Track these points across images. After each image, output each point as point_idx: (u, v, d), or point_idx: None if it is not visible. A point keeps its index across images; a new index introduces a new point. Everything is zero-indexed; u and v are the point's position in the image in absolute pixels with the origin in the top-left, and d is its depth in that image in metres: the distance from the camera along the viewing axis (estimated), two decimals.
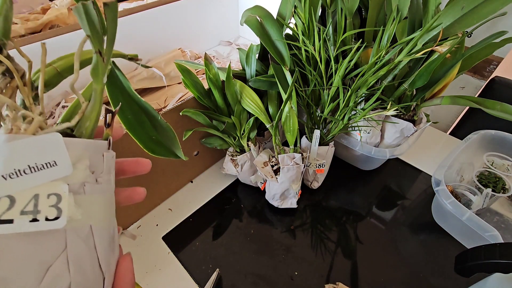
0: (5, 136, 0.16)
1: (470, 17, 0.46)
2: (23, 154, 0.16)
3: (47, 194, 0.17)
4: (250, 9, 0.54)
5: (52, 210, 0.17)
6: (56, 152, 0.18)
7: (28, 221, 0.16)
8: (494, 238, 0.47)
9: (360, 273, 0.52)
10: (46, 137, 0.17)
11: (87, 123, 0.21)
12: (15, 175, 0.16)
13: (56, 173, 0.17)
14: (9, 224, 0.16)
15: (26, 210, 0.16)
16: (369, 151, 0.59)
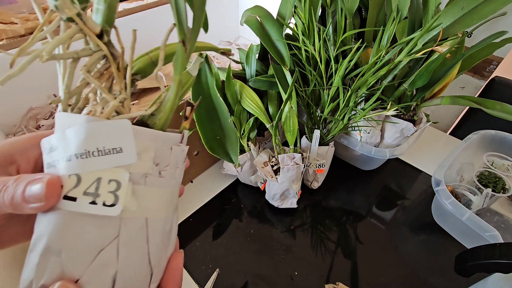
0: (85, 117, 0.17)
1: (470, 17, 0.46)
2: (95, 136, 0.17)
3: (108, 180, 0.17)
4: (250, 9, 0.54)
5: (110, 196, 0.17)
6: (124, 139, 0.18)
7: (88, 203, 0.17)
8: (494, 238, 0.47)
9: (360, 273, 0.52)
10: (117, 123, 0.18)
11: (160, 113, 0.21)
12: (85, 155, 0.17)
13: (120, 160, 0.18)
14: (73, 202, 0.17)
15: (88, 191, 0.17)
16: (369, 151, 0.59)
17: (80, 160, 0.17)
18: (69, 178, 0.17)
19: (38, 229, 0.17)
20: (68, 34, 0.18)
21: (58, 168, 0.17)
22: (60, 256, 0.17)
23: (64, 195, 0.17)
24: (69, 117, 0.18)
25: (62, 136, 0.17)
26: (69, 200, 0.17)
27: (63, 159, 0.17)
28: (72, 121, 0.18)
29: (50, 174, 0.17)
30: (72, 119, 0.18)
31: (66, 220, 0.17)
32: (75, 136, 0.17)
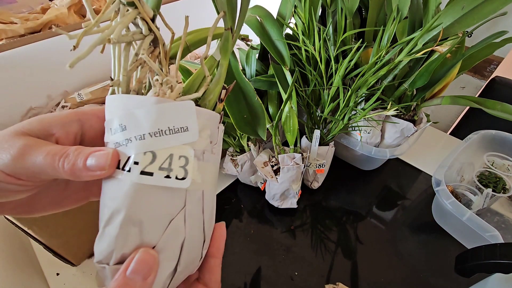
0: (154, 98, 0.19)
1: (471, 17, 0.46)
2: (166, 116, 0.19)
3: (178, 156, 0.19)
4: (250, 8, 0.54)
5: (181, 171, 0.19)
6: (189, 119, 0.19)
7: (163, 177, 0.19)
8: (495, 238, 0.46)
9: (360, 273, 0.52)
10: (183, 104, 0.19)
11: (210, 95, 0.22)
12: (158, 134, 0.18)
13: (186, 138, 0.19)
14: (150, 176, 0.18)
15: (163, 166, 0.19)
16: (369, 151, 0.59)
17: (154, 138, 0.18)
18: (144, 155, 0.18)
19: (112, 204, 0.19)
20: (129, 17, 0.19)
21: (131, 146, 0.19)
22: (139, 226, 0.18)
23: (141, 170, 0.18)
24: (135, 99, 0.19)
25: (131, 117, 0.19)
26: (146, 175, 0.18)
27: (136, 137, 0.18)
28: (140, 102, 0.19)
29: (111, 148, 0.19)
30: (140, 100, 0.19)
31: (143, 193, 0.18)
32: (147, 116, 0.18)
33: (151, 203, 0.19)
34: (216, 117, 0.22)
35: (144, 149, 0.18)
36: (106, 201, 0.19)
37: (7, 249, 0.49)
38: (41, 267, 0.51)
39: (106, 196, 0.19)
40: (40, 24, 0.80)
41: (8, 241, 0.50)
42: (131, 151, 0.18)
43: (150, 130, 0.18)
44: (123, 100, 0.19)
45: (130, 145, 0.18)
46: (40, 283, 0.49)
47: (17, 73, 0.59)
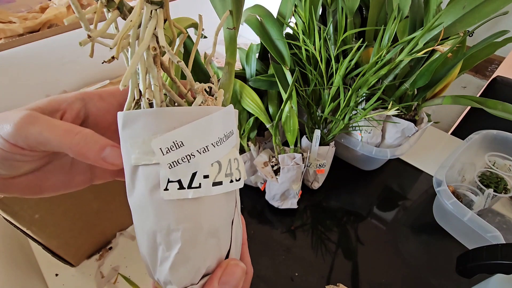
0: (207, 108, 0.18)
1: (472, 16, 0.46)
2: (221, 124, 0.19)
3: (234, 159, 0.20)
4: (250, 8, 0.54)
5: (237, 172, 0.20)
6: (232, 123, 0.20)
7: (229, 182, 0.19)
8: (496, 239, 0.46)
9: (361, 274, 0.52)
10: (229, 109, 0.20)
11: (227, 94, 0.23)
12: (219, 142, 0.18)
13: (233, 141, 0.20)
14: (220, 186, 0.19)
15: (227, 172, 0.19)
16: (370, 151, 0.58)
17: (217, 148, 0.18)
18: (212, 167, 0.18)
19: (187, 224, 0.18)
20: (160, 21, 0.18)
21: (195, 161, 0.18)
22: (217, 237, 0.19)
23: (212, 182, 0.18)
24: (185, 112, 0.18)
25: (187, 131, 0.18)
26: (218, 185, 0.19)
27: (200, 151, 0.18)
28: (192, 114, 0.18)
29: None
30: (191, 112, 0.18)
31: (215, 203, 0.19)
32: (207, 127, 0.18)
33: (221, 210, 0.19)
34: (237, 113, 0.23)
35: (211, 161, 0.18)
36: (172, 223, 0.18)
37: (6, 249, 0.49)
38: (40, 268, 0.51)
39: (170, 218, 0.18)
40: (39, 24, 0.80)
41: (7, 242, 0.50)
42: (197, 166, 0.18)
43: (213, 140, 0.18)
44: (166, 115, 0.17)
45: (194, 160, 0.18)
46: (38, 283, 0.49)
47: (16, 73, 0.59)
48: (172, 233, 0.18)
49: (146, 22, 0.17)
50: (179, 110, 0.18)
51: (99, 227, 0.51)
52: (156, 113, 0.17)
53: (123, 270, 0.51)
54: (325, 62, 0.52)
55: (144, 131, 0.17)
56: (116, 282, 0.50)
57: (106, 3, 0.16)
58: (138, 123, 0.18)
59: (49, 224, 0.42)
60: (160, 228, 0.18)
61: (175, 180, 0.17)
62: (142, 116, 0.17)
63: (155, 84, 0.18)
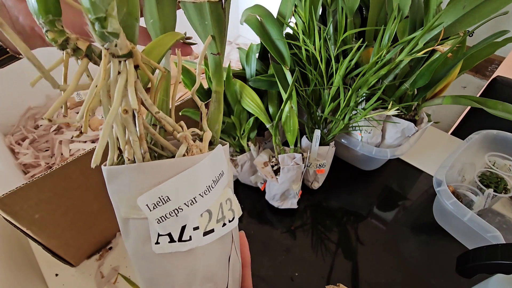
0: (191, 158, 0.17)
1: (472, 16, 0.46)
2: (208, 171, 0.18)
3: (225, 200, 0.19)
4: (250, 8, 0.54)
5: (230, 213, 0.20)
6: (222, 163, 0.19)
7: (221, 227, 0.19)
8: (496, 239, 0.46)
9: (361, 274, 0.52)
10: (217, 152, 0.18)
11: (216, 126, 0.21)
12: (208, 190, 0.18)
13: (225, 181, 0.19)
14: (212, 233, 0.18)
15: (218, 218, 0.19)
16: (370, 151, 0.58)
17: (205, 197, 0.18)
18: (202, 217, 0.18)
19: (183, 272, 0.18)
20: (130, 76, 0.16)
21: (183, 215, 0.17)
22: (213, 280, 0.19)
23: (203, 232, 0.18)
24: (168, 165, 0.17)
25: (172, 186, 0.17)
26: (209, 233, 0.18)
27: (187, 203, 0.17)
28: (176, 167, 0.17)
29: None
30: (175, 165, 0.17)
31: (209, 250, 0.19)
32: (192, 178, 0.17)
33: (216, 253, 0.19)
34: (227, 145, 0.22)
35: (200, 211, 0.18)
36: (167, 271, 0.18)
37: (6, 249, 0.49)
38: (40, 268, 0.51)
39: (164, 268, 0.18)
40: None
41: (7, 242, 0.50)
42: (185, 220, 0.17)
43: (200, 190, 0.17)
44: (149, 169, 0.17)
45: (182, 214, 0.17)
46: (38, 284, 0.49)
47: (16, 73, 0.59)
48: (167, 279, 0.18)
49: (115, 80, 0.15)
50: (161, 164, 0.17)
51: (99, 227, 0.51)
52: (138, 169, 0.17)
53: (123, 270, 0.51)
54: (325, 62, 0.52)
55: (129, 187, 0.17)
56: (116, 282, 0.50)
57: (73, 53, 0.15)
58: (122, 178, 0.17)
59: (49, 224, 0.42)
60: (156, 276, 0.18)
61: (165, 234, 0.17)
62: (125, 172, 0.17)
63: (134, 140, 0.17)
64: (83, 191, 0.43)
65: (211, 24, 0.18)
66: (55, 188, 0.39)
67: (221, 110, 0.21)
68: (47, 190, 0.39)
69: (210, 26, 0.19)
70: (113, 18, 0.13)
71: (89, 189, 0.44)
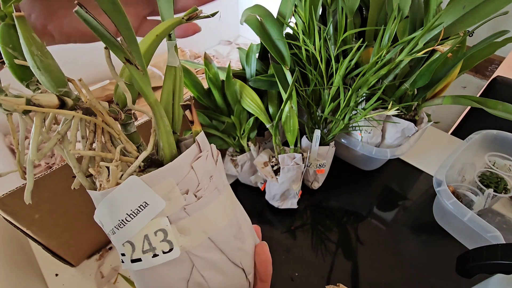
0: (99, 193, 0.18)
1: (472, 16, 0.46)
2: (118, 205, 0.18)
3: (154, 232, 0.18)
4: (250, 8, 0.54)
5: (165, 244, 0.18)
6: (143, 193, 0.18)
7: (151, 257, 0.18)
8: (496, 239, 0.46)
9: (361, 274, 0.52)
10: (127, 184, 0.17)
11: (161, 143, 0.20)
12: (122, 224, 0.18)
13: (152, 212, 0.18)
14: (140, 262, 0.18)
15: (145, 249, 0.18)
16: (370, 151, 0.58)
17: (121, 230, 0.18)
18: (124, 246, 0.18)
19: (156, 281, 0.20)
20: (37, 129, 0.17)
21: (113, 239, 0.19)
22: None
23: (130, 259, 0.18)
24: (93, 195, 0.19)
25: (100, 214, 0.19)
26: (136, 261, 0.18)
27: (109, 233, 0.19)
28: (96, 199, 0.19)
29: None
30: (95, 197, 0.19)
31: (148, 275, 0.19)
32: (105, 212, 0.18)
33: (160, 280, 0.19)
34: (180, 162, 0.19)
35: (120, 241, 0.18)
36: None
37: (6, 249, 0.49)
38: (40, 268, 0.51)
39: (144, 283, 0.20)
40: None
41: (7, 242, 0.50)
42: (115, 244, 0.19)
43: (113, 224, 0.18)
44: (91, 195, 0.19)
45: (112, 238, 0.19)
46: (38, 284, 0.49)
47: None
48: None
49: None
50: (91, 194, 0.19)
51: (99, 227, 0.51)
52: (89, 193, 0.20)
53: (123, 270, 0.51)
54: (325, 62, 0.52)
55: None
56: (116, 282, 0.50)
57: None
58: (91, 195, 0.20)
59: (49, 224, 0.42)
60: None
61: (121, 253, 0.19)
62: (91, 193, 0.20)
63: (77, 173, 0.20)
64: (83, 191, 0.43)
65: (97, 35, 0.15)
66: (55, 188, 0.39)
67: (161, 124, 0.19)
68: (47, 190, 0.39)
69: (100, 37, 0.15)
70: None
71: None
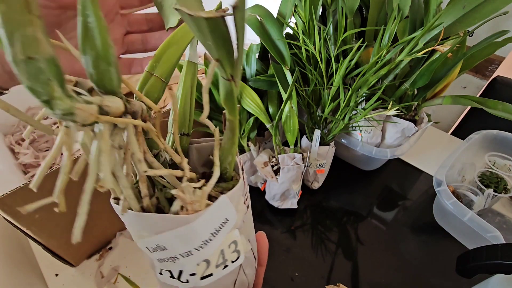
0: (185, 217, 0.17)
1: (472, 16, 0.46)
2: (205, 226, 0.18)
3: (228, 245, 0.19)
4: (250, 8, 0.54)
5: (234, 254, 0.20)
6: (226, 210, 0.18)
7: (222, 269, 0.20)
8: (496, 239, 0.46)
9: (361, 274, 0.52)
10: (217, 205, 0.18)
11: (229, 158, 0.20)
12: (205, 244, 0.18)
13: (229, 226, 0.19)
14: (211, 277, 0.19)
15: (218, 263, 0.19)
16: (370, 151, 0.58)
17: (201, 250, 0.18)
18: (198, 266, 0.19)
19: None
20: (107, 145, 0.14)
21: (179, 263, 0.18)
22: None
23: (200, 277, 0.19)
24: (165, 220, 0.17)
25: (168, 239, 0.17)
26: (208, 277, 0.19)
27: (183, 255, 0.18)
28: (171, 223, 0.17)
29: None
30: (172, 221, 0.17)
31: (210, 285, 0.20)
32: (187, 235, 0.17)
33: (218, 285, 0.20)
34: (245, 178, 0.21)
35: (196, 262, 0.18)
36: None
37: (6, 249, 0.49)
38: (40, 268, 0.51)
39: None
40: None
41: (7, 242, 0.50)
42: (182, 267, 0.18)
43: (196, 244, 0.18)
44: (147, 220, 0.17)
45: (179, 262, 0.18)
46: (38, 283, 0.49)
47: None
48: None
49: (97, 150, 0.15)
50: (157, 218, 0.17)
51: (99, 227, 0.51)
52: (137, 217, 0.18)
53: (123, 270, 0.51)
54: (325, 62, 0.52)
55: (133, 227, 0.18)
56: (116, 282, 0.50)
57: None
58: (127, 219, 0.18)
59: (49, 224, 0.42)
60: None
61: (166, 270, 0.19)
62: (128, 215, 0.18)
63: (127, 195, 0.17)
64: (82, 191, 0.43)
65: (213, 45, 0.14)
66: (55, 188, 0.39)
67: (235, 141, 0.19)
68: (47, 190, 0.39)
69: (212, 47, 0.14)
70: (58, 100, 0.12)
71: None
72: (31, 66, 0.11)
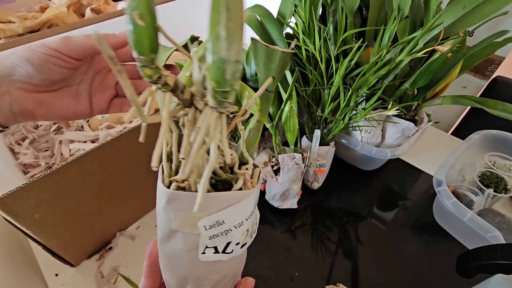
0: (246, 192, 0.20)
1: (472, 16, 0.46)
2: (253, 201, 0.22)
3: (256, 217, 0.23)
4: (250, 8, 0.54)
5: (255, 226, 0.24)
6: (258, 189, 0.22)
7: (250, 239, 0.23)
8: (496, 239, 0.46)
9: (361, 274, 0.52)
10: (260, 180, 0.22)
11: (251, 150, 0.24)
12: (251, 214, 0.22)
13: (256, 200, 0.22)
14: (246, 245, 0.23)
15: (251, 232, 0.23)
16: (370, 151, 0.58)
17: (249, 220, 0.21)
18: (243, 235, 0.22)
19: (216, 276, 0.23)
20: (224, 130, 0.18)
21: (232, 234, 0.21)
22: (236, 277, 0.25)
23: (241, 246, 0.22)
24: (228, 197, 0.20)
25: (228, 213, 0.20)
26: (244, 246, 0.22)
27: (236, 226, 0.21)
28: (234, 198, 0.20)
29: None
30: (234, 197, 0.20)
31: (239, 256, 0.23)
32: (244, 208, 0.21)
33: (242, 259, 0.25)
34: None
35: (243, 231, 0.21)
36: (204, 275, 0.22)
37: (6, 249, 0.49)
38: (40, 268, 0.51)
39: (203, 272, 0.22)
40: (39, 23, 0.80)
41: (7, 242, 0.50)
42: (232, 238, 0.21)
43: (247, 215, 0.21)
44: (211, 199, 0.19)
45: (230, 234, 0.21)
46: (38, 283, 0.49)
47: None
48: (203, 281, 0.22)
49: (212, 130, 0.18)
50: (222, 196, 0.20)
51: (99, 227, 0.51)
52: (208, 198, 0.19)
53: (123, 270, 0.51)
54: (325, 62, 0.52)
55: (189, 210, 0.19)
56: (116, 282, 0.50)
57: (161, 87, 0.16)
58: (184, 202, 0.19)
59: (49, 224, 0.42)
60: (192, 276, 0.22)
61: (212, 247, 0.21)
62: (187, 198, 0.19)
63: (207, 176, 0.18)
64: (83, 191, 0.43)
65: (276, 68, 0.20)
66: (55, 188, 0.39)
67: (258, 136, 0.24)
68: (47, 190, 0.39)
69: (274, 70, 0.20)
70: (235, 92, 0.16)
71: (89, 189, 0.44)
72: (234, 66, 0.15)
